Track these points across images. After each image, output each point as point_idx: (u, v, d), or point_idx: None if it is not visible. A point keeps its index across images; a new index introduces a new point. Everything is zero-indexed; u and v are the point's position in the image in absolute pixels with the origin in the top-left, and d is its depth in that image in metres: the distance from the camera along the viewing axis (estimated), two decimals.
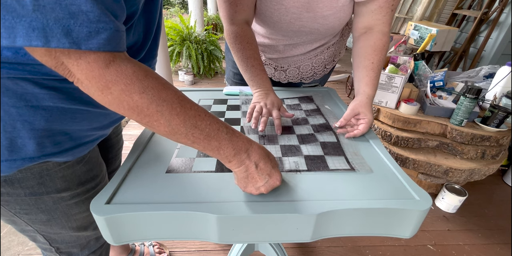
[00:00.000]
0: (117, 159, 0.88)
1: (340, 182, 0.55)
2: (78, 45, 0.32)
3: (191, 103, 0.43)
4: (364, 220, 0.50)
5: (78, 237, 0.67)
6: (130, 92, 0.37)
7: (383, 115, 1.52)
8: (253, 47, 0.80)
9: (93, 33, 0.33)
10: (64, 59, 0.35)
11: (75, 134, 0.53)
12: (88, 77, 0.36)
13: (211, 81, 3.47)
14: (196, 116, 0.42)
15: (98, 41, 0.33)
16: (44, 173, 0.53)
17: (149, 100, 0.38)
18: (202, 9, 4.20)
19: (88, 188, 0.62)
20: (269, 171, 0.48)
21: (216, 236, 0.48)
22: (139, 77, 0.38)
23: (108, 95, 0.37)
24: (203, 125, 0.42)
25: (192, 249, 1.28)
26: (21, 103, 0.44)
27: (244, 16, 0.79)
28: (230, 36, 0.80)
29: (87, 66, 0.35)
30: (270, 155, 0.50)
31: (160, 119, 0.40)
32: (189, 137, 0.43)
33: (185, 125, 0.41)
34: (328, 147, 0.67)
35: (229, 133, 0.45)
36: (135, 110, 0.39)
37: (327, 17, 0.80)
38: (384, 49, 0.78)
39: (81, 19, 0.32)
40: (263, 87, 0.79)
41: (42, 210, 0.57)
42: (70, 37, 0.32)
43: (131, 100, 0.38)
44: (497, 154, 1.42)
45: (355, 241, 1.36)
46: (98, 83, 0.36)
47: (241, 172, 0.48)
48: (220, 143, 0.44)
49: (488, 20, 2.66)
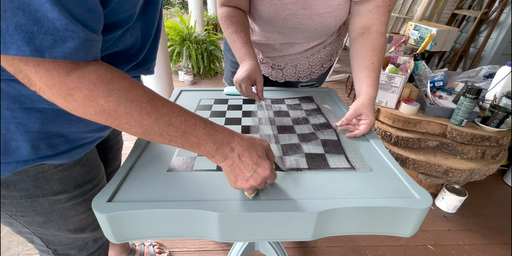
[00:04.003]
0: (117, 160, 0.87)
1: (341, 180, 0.55)
2: (41, 53, 0.31)
3: (162, 100, 0.41)
4: (364, 218, 0.50)
5: (76, 239, 0.67)
6: (95, 97, 0.36)
7: (383, 115, 1.52)
8: (238, 24, 0.82)
9: (58, 41, 0.31)
10: (22, 66, 0.33)
11: (71, 136, 0.52)
12: (49, 85, 0.34)
13: (211, 81, 3.47)
14: (169, 113, 0.40)
15: (64, 50, 0.32)
16: (40, 176, 0.52)
17: (115, 103, 0.37)
18: (202, 9, 4.21)
19: (86, 190, 0.61)
20: (255, 160, 0.46)
21: (217, 235, 0.49)
22: (103, 81, 0.36)
23: (72, 102, 0.36)
24: (178, 122, 0.41)
25: (192, 249, 1.28)
26: (15, 105, 0.43)
27: (235, 2, 0.84)
28: (220, 17, 0.84)
29: (46, 74, 0.33)
30: (257, 145, 0.47)
31: (130, 120, 0.38)
32: (164, 136, 0.41)
33: (157, 124, 0.40)
34: (328, 145, 0.67)
35: (208, 128, 0.43)
36: (103, 114, 0.37)
37: (323, 15, 0.80)
38: (383, 49, 0.78)
39: (46, 26, 0.30)
40: (245, 59, 0.80)
41: (38, 213, 0.56)
42: (32, 44, 0.30)
43: (97, 105, 0.36)
44: (497, 154, 1.42)
45: (355, 241, 1.36)
46: (60, 90, 0.35)
47: (227, 165, 0.46)
48: (199, 138, 0.42)
49: (488, 20, 2.66)
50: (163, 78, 2.25)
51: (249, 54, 0.80)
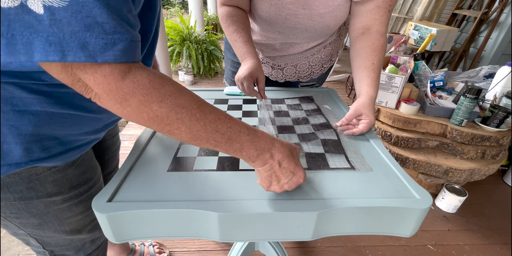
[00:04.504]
0: (114, 161, 0.86)
1: (341, 180, 0.55)
2: (94, 58, 0.32)
3: (210, 107, 0.42)
4: (364, 218, 0.50)
5: (72, 240, 0.66)
6: (149, 103, 0.37)
7: (383, 115, 1.52)
8: (239, 23, 0.82)
9: (109, 44, 0.32)
10: (80, 74, 0.34)
11: (65, 138, 0.51)
12: (106, 91, 0.35)
13: (211, 81, 3.47)
14: (217, 120, 0.41)
15: (114, 53, 0.33)
16: (33, 178, 0.51)
17: (168, 108, 0.38)
18: (202, 9, 4.21)
19: (81, 192, 0.60)
20: (293, 168, 0.48)
21: (217, 235, 0.49)
22: (155, 86, 0.37)
23: (127, 107, 0.37)
24: (224, 129, 0.42)
25: (192, 249, 1.28)
26: (7, 107, 0.42)
27: (236, 2, 0.84)
28: (221, 16, 0.84)
29: (103, 80, 0.34)
30: (294, 151, 0.49)
31: (181, 126, 0.39)
32: (210, 142, 0.42)
33: (206, 130, 0.41)
34: (328, 144, 0.67)
35: (251, 135, 0.45)
36: (155, 120, 0.38)
37: (323, 15, 0.80)
38: (383, 49, 0.78)
39: (96, 31, 0.31)
40: (246, 58, 0.80)
41: (33, 214, 0.56)
42: (86, 50, 0.31)
43: (150, 111, 0.37)
44: (497, 154, 1.42)
45: (355, 241, 1.36)
46: (116, 95, 0.36)
47: (265, 170, 0.47)
48: (242, 145, 0.44)
49: (488, 20, 2.66)
50: None
51: (250, 52, 0.80)
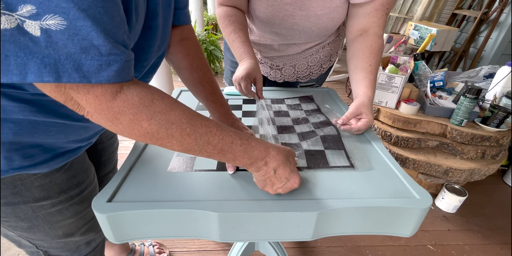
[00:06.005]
0: (111, 162, 0.85)
1: (340, 180, 0.55)
2: (88, 79, 0.33)
3: (201, 119, 0.42)
4: (364, 218, 0.50)
5: (66, 243, 0.65)
6: (139, 121, 0.38)
7: (383, 115, 1.52)
8: (237, 23, 0.82)
9: (103, 65, 0.33)
10: (73, 94, 0.35)
11: (50, 146, 0.50)
12: (97, 110, 0.36)
13: None
14: (208, 133, 0.42)
15: (108, 74, 0.33)
16: (18, 183, 0.50)
17: (157, 125, 0.39)
18: (202, 9, 4.20)
19: (72, 195, 0.59)
20: (288, 175, 0.49)
21: (217, 235, 0.49)
22: (145, 104, 0.38)
23: (119, 124, 0.38)
24: (216, 141, 0.43)
25: (192, 249, 1.28)
26: None
27: (234, 2, 0.83)
28: (219, 16, 0.84)
29: (95, 100, 0.35)
30: (290, 157, 0.50)
31: (172, 140, 0.41)
32: (203, 153, 0.44)
33: (197, 143, 0.42)
34: (328, 140, 0.68)
35: (244, 145, 0.45)
36: (147, 136, 0.40)
37: (320, 16, 0.80)
38: (380, 51, 0.78)
39: (92, 53, 0.32)
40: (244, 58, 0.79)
41: (21, 218, 0.55)
42: (80, 71, 0.32)
43: (141, 128, 0.38)
44: (497, 154, 1.42)
45: (355, 241, 1.36)
46: (107, 115, 0.37)
47: (260, 175, 0.49)
48: (235, 155, 0.45)
49: (488, 20, 2.66)
50: (163, 78, 2.24)
51: (248, 53, 0.80)
